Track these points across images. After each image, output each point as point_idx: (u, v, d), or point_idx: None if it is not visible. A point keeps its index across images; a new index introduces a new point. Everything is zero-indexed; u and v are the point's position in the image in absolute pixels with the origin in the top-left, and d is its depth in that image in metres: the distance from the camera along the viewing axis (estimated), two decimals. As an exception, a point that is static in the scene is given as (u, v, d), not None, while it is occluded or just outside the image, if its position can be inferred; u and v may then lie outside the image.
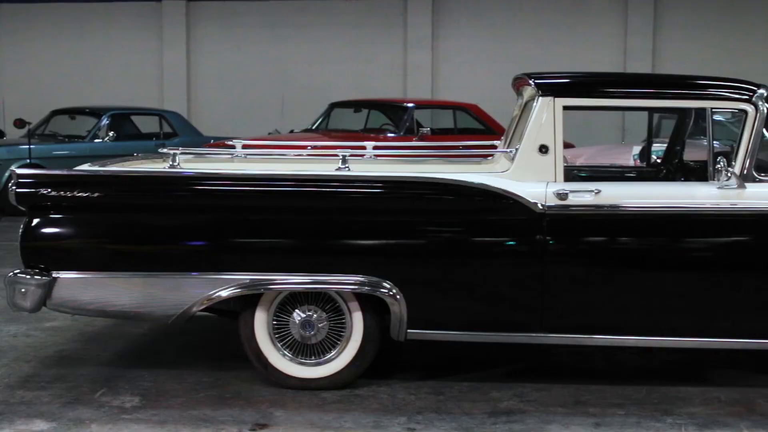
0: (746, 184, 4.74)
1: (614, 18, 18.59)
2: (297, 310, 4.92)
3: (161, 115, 15.31)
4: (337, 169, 4.94)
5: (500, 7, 18.80)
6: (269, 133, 13.80)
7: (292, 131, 13.85)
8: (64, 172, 4.98)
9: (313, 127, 13.42)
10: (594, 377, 5.23)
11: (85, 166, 5.27)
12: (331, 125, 13.40)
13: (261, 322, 4.92)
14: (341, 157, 4.98)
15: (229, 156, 5.99)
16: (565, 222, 4.73)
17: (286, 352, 4.95)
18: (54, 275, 4.75)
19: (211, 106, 19.27)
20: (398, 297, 4.74)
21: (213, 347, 5.85)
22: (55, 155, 13.12)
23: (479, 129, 13.35)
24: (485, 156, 5.99)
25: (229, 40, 19.37)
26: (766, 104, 4.84)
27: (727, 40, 18.19)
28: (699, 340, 4.86)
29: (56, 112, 14.73)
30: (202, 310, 4.86)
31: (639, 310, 4.81)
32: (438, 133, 12.99)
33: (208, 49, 19.50)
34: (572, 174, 5.78)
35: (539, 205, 4.70)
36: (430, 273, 4.81)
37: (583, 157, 11.03)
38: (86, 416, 4.54)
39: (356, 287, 4.77)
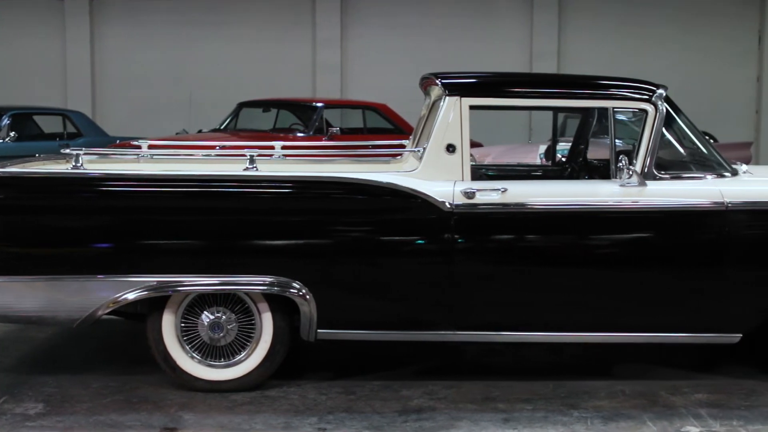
0: (647, 182, 4.86)
1: (520, 19, 18.87)
2: (205, 312, 4.87)
3: (65, 114, 14.94)
4: (244, 170, 4.90)
5: (409, 7, 18.89)
6: (177, 134, 13.59)
7: (200, 131, 13.68)
8: (-37, 174, 4.83)
9: (222, 127, 13.29)
10: (503, 373, 5.30)
11: (-15, 168, 5.13)
12: (240, 125, 13.28)
13: (169, 324, 4.85)
14: (249, 157, 4.95)
15: (135, 156, 5.89)
16: (472, 220, 4.78)
17: (194, 355, 4.90)
18: (-47, 280, 4.62)
19: (117, 105, 18.91)
20: (308, 297, 4.73)
21: (120, 351, 5.75)
22: (-46, 156, 12.70)
23: (388, 128, 13.39)
24: (394, 155, 6.01)
25: (135, 38, 19.02)
26: (665, 104, 4.97)
27: (628, 42, 18.65)
28: (604, 335, 4.97)
29: (-45, 112, 14.27)
30: (108, 314, 4.78)
31: (546, 306, 4.89)
32: (347, 133, 12.98)
33: (113, 48, 19.12)
34: (479, 173, 5.84)
35: (447, 204, 4.74)
36: (340, 273, 4.81)
37: (490, 156, 11.15)
38: (-13, 425, 4.42)
39: (265, 288, 4.74)
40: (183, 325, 4.89)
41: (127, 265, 4.71)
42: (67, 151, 5.24)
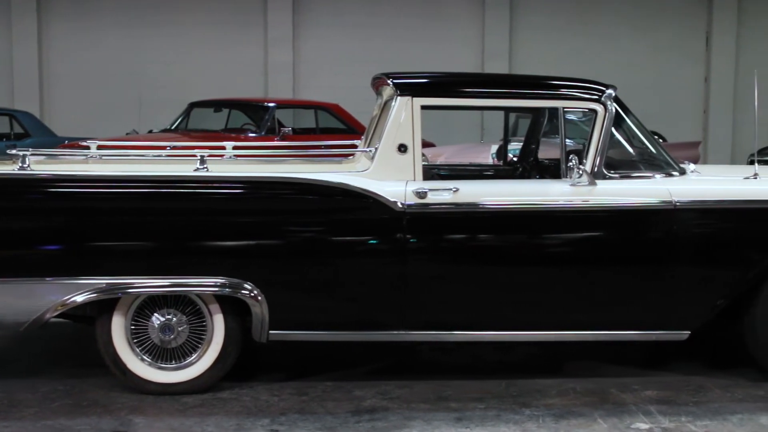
0: (597, 181, 4.90)
1: (472, 19, 18.96)
2: (156, 314, 4.82)
3: (12, 114, 14.72)
4: (195, 170, 4.86)
5: (361, 7, 18.89)
6: (127, 134, 13.46)
7: (150, 131, 13.56)
8: None
9: (172, 128, 13.17)
10: (455, 372, 5.31)
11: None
12: (191, 125, 13.18)
13: (118, 327, 4.80)
14: (199, 157, 4.90)
15: (84, 157, 5.81)
16: (424, 220, 4.79)
17: (145, 357, 4.85)
18: None
19: (66, 105, 18.65)
20: (260, 298, 4.70)
21: (68, 355, 5.67)
22: None
23: (341, 128, 13.37)
24: (346, 155, 6.00)
25: (84, 36, 18.78)
26: (614, 104, 5.02)
27: (579, 42, 18.84)
28: (556, 334, 5.01)
29: None
30: (56, 317, 4.72)
31: (498, 305, 4.92)
32: (300, 133, 12.96)
33: (61, 46, 18.85)
34: (431, 173, 5.85)
35: (399, 204, 4.75)
36: (292, 273, 4.79)
37: (443, 156, 11.19)
38: (-68, 431, 4.33)
39: (217, 289, 4.71)
40: (133, 327, 4.83)
41: (76, 267, 4.65)
42: (14, 151, 5.14)
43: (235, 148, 6.02)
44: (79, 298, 4.63)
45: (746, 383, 5.10)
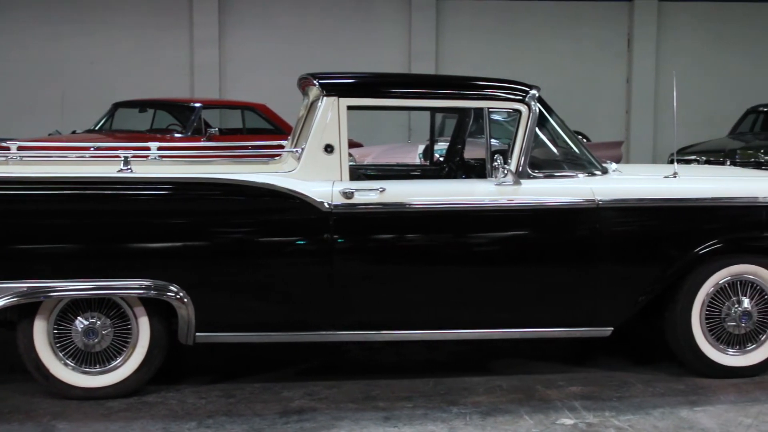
0: (521, 181, 4.96)
1: (399, 20, 19.02)
2: (79, 318, 4.74)
3: (-72, 115, 14.36)
4: (118, 171, 4.79)
5: (288, 7, 18.81)
6: (49, 134, 13.21)
7: (74, 132, 13.34)
8: None
9: (96, 128, 13.00)
10: (384, 372, 5.33)
11: None
12: (116, 126, 13.02)
13: (41, 331, 4.71)
14: (123, 158, 4.84)
15: (4, 158, 5.68)
16: (351, 220, 4.80)
17: (68, 362, 4.77)
18: None
19: (-15, 105, 18.25)
20: (186, 300, 4.66)
21: (-11, 360, 5.56)
22: None
23: (268, 129, 13.32)
24: (273, 156, 5.98)
25: (4, 35, 18.37)
26: (538, 104, 5.09)
27: (504, 43, 19.04)
28: (482, 332, 5.05)
29: None
30: (-25, 322, 4.61)
31: (425, 304, 4.94)
32: (226, 133, 12.88)
33: (-20, 46, 18.45)
34: (358, 173, 5.87)
35: (326, 204, 4.74)
36: (218, 275, 4.76)
37: (370, 156, 11.22)
38: None
39: (142, 292, 4.65)
40: (56, 331, 4.75)
41: (-4, 271, 4.56)
42: (-70, 153, 5.03)
43: (160, 148, 5.94)
44: (0, 303, 4.54)
45: (667, 378, 5.21)
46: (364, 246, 4.87)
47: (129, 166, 4.82)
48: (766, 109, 14.17)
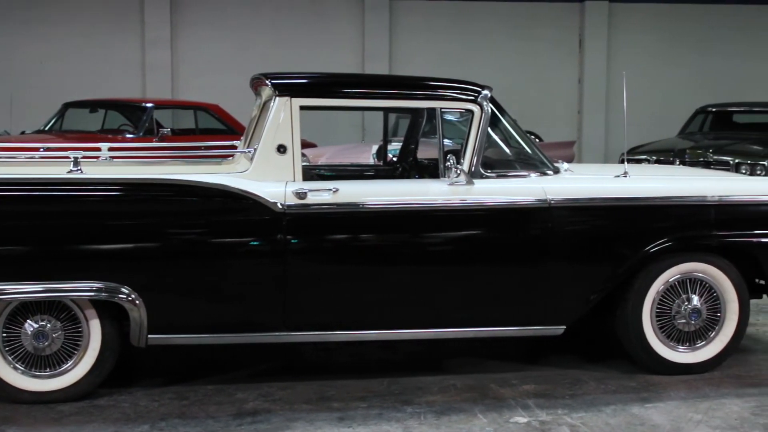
0: (474, 181, 4.98)
1: (352, 20, 19.02)
2: (29, 321, 4.67)
3: None
4: (68, 172, 4.74)
5: (241, 7, 18.72)
6: (-2, 135, 13.04)
7: (23, 133, 13.17)
8: None
9: (46, 129, 12.86)
10: (338, 372, 5.33)
11: None
12: (66, 126, 12.88)
13: (-11, 335, 4.65)
14: (73, 159, 4.78)
15: (-50, 160, 5.60)
16: (304, 221, 4.78)
17: (18, 366, 4.70)
18: None
19: (-69, 106, 17.92)
20: (138, 302, 4.62)
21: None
22: None
23: (221, 129, 13.27)
24: (225, 156, 5.94)
25: (-50, 35, 18.11)
26: (490, 104, 5.11)
27: (457, 44, 19.12)
28: (436, 331, 5.08)
29: None
30: None
31: (379, 304, 4.95)
32: (179, 134, 12.81)
33: (-74, 45, 18.12)
34: (312, 173, 5.86)
35: (279, 205, 4.73)
36: (171, 276, 4.72)
37: (324, 157, 11.20)
38: None
39: (93, 294, 4.60)
40: (5, 335, 4.68)
41: (-58, 274, 4.48)
42: None
43: (111, 149, 5.88)
44: (-53, 306, 4.47)
45: (619, 375, 5.27)
46: (318, 246, 4.86)
47: (79, 167, 4.77)
48: (714, 110, 14.38)
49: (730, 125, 14.27)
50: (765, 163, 12.08)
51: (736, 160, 12.14)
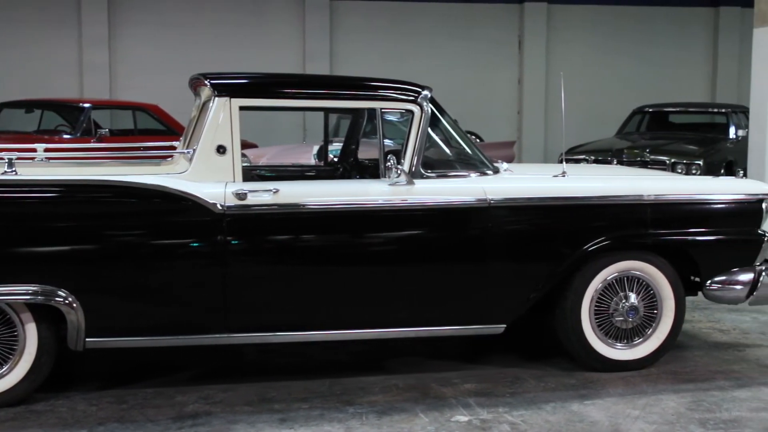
0: (415, 181, 4.99)
1: (293, 20, 18.98)
2: (-38, 326, 4.59)
3: None
4: (2, 173, 4.65)
5: (181, 6, 18.58)
6: (-70, 136, 12.76)
7: (-44, 133, 12.92)
8: None
9: (-20, 129, 12.62)
10: (280, 373, 5.30)
11: None
12: (1, 127, 12.66)
13: None
14: (7, 160, 4.70)
15: None
16: (245, 222, 4.76)
17: (-50, 372, 4.61)
18: None
19: None
20: (75, 305, 4.55)
21: None
22: None
23: (160, 129, 13.16)
24: (164, 157, 5.88)
25: None
26: (430, 105, 5.13)
27: (398, 44, 19.20)
28: (378, 331, 5.08)
29: None
30: None
31: (320, 305, 4.94)
32: (117, 134, 12.69)
33: None
34: (252, 174, 5.82)
35: (218, 206, 4.69)
36: (109, 279, 4.65)
37: (265, 157, 11.17)
38: None
39: (29, 297, 4.52)
40: (-63, 339, 4.59)
41: None
42: None
43: (47, 150, 5.78)
44: None
45: (558, 373, 5.32)
46: (259, 247, 4.84)
47: (13, 168, 4.69)
48: (651, 110, 14.63)
49: (666, 125, 14.53)
50: (700, 162, 12.33)
51: (672, 160, 12.38)
